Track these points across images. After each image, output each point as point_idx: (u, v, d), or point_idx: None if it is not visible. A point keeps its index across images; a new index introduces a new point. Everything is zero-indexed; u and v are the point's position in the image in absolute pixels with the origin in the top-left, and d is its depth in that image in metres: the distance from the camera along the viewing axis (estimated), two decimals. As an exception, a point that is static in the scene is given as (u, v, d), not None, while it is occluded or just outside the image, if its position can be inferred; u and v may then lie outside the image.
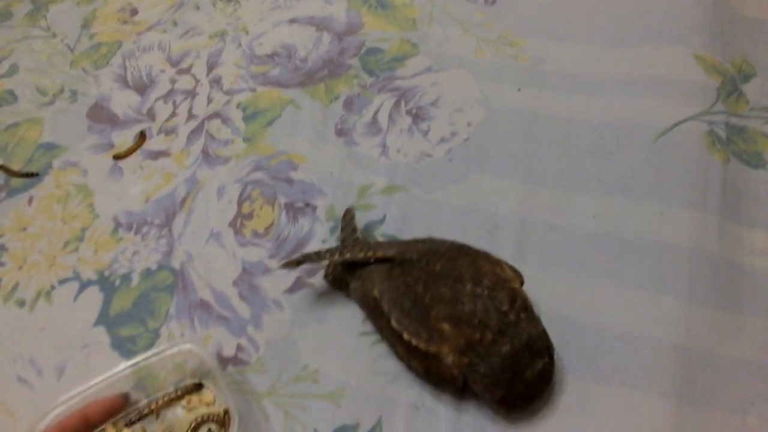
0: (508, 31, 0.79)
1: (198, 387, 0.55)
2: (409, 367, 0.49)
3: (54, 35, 0.94)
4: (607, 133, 0.67)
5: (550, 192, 0.63)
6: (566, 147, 0.67)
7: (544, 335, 0.46)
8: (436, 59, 0.77)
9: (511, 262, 0.51)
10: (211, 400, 0.54)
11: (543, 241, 0.60)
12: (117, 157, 0.74)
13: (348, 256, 0.54)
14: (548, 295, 0.55)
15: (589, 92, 0.71)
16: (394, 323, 0.48)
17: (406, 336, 0.47)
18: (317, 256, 0.55)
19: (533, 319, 0.46)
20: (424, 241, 0.52)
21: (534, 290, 0.54)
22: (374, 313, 0.51)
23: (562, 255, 0.59)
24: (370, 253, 0.52)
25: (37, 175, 0.74)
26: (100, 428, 0.52)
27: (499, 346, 0.43)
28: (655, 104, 0.68)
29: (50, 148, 0.77)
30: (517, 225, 0.61)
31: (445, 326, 0.45)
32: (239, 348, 0.56)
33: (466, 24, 0.81)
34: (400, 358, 0.50)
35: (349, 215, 0.61)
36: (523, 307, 0.45)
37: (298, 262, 0.56)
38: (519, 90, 0.73)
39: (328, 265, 0.59)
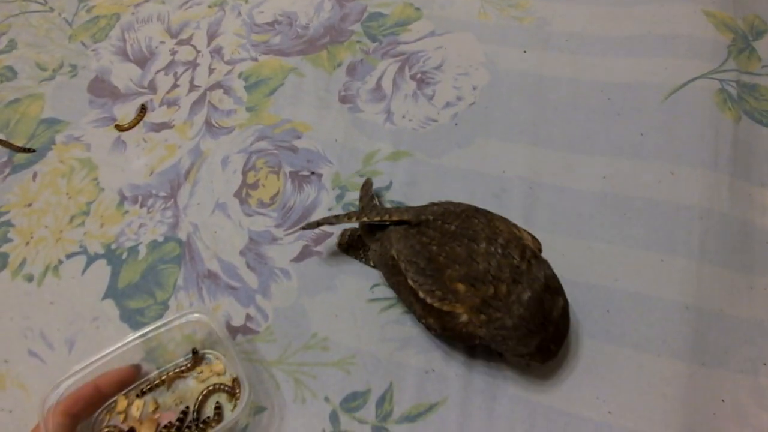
0: (512, -8, 0.78)
1: (204, 357, 0.55)
2: (427, 325, 0.49)
3: (51, 9, 0.92)
4: (614, 93, 0.66)
5: (557, 154, 0.62)
6: (573, 108, 0.66)
7: (555, 276, 0.46)
8: (440, 23, 0.76)
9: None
10: (221, 369, 0.54)
11: (551, 203, 0.59)
12: (119, 129, 0.73)
13: (365, 219, 0.54)
14: (558, 258, 0.54)
15: (595, 52, 0.70)
16: (410, 281, 0.47)
17: (421, 294, 0.47)
18: (336, 219, 0.55)
19: (543, 262, 0.46)
20: (440, 204, 0.52)
21: (543, 253, 0.54)
22: (392, 271, 0.51)
23: (571, 217, 0.58)
24: (386, 216, 0.52)
25: (34, 151, 0.74)
26: (112, 399, 0.53)
27: (517, 294, 0.43)
28: (664, 63, 0.67)
29: (52, 123, 0.77)
30: (525, 188, 0.61)
31: (460, 286, 0.44)
32: (248, 317, 0.56)
33: (469, -14, 0.79)
34: (418, 316, 0.49)
35: (367, 185, 0.61)
36: (533, 255, 0.45)
37: (318, 224, 0.56)
38: (524, 52, 0.71)
39: (342, 233, 0.59)
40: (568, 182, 0.60)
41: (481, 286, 0.43)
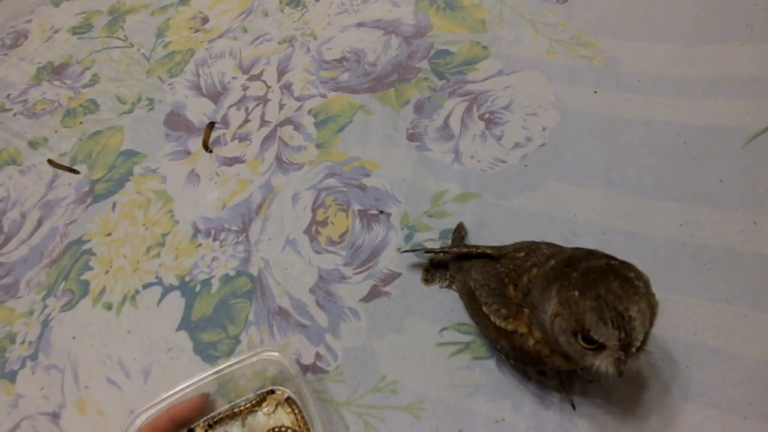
0: (581, 31, 0.77)
1: (272, 393, 0.56)
2: (500, 348, 0.48)
3: (131, 45, 0.97)
4: (691, 136, 0.64)
5: (631, 199, 0.61)
6: (647, 152, 0.64)
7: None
8: (508, 61, 0.76)
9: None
10: (290, 407, 0.55)
11: (625, 250, 0.58)
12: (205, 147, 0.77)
13: (456, 250, 0.56)
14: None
15: (670, 94, 0.68)
16: (482, 304, 0.48)
17: (486, 311, 0.47)
18: (434, 250, 0.60)
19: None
20: (525, 242, 0.52)
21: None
22: (471, 302, 0.52)
23: (646, 266, 0.55)
24: (473, 249, 0.54)
25: (78, 172, 0.80)
26: (184, 430, 0.54)
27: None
28: (744, 106, 0.65)
29: (131, 155, 0.81)
30: (597, 233, 0.59)
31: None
32: (318, 356, 0.57)
33: (537, 24, 0.79)
34: (493, 341, 0.49)
35: (460, 227, 0.62)
36: None
37: (417, 251, 0.61)
38: (595, 92, 0.71)
39: (428, 269, 0.61)
40: (642, 229, 0.59)
41: None
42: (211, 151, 0.75)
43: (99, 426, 0.58)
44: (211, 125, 0.76)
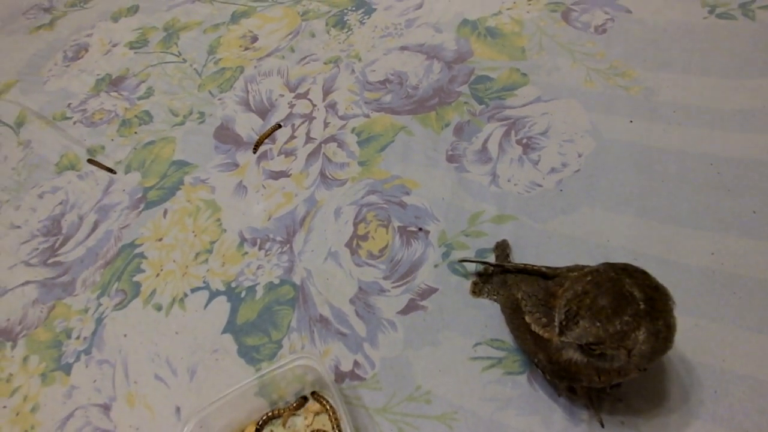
0: (618, 61, 0.80)
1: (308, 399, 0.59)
2: (537, 362, 0.50)
3: (184, 60, 1.03)
4: (725, 167, 0.66)
5: (664, 226, 0.63)
6: (681, 181, 0.66)
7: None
8: (546, 89, 0.79)
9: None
10: (326, 411, 0.58)
11: (656, 276, 0.59)
12: (257, 145, 0.82)
13: (512, 265, 0.59)
14: (663, 333, 0.55)
15: (705, 125, 0.70)
16: (525, 314, 0.50)
17: (527, 319, 0.49)
18: (493, 264, 0.62)
19: None
20: (579, 265, 0.53)
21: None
22: (513, 315, 0.54)
23: (676, 292, 0.57)
24: (530, 266, 0.56)
25: (115, 172, 0.87)
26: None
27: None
28: (779, 139, 0.66)
29: (182, 165, 0.85)
30: (629, 258, 0.61)
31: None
32: (356, 364, 0.60)
33: (576, 53, 0.82)
34: (531, 354, 0.51)
35: (504, 245, 0.64)
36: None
37: (478, 261, 0.63)
38: (630, 121, 0.73)
39: (475, 282, 0.63)
40: (674, 256, 0.60)
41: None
42: (255, 151, 0.79)
43: (146, 419, 0.62)
44: (277, 127, 0.80)
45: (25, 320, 0.73)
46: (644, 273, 0.46)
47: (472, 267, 0.64)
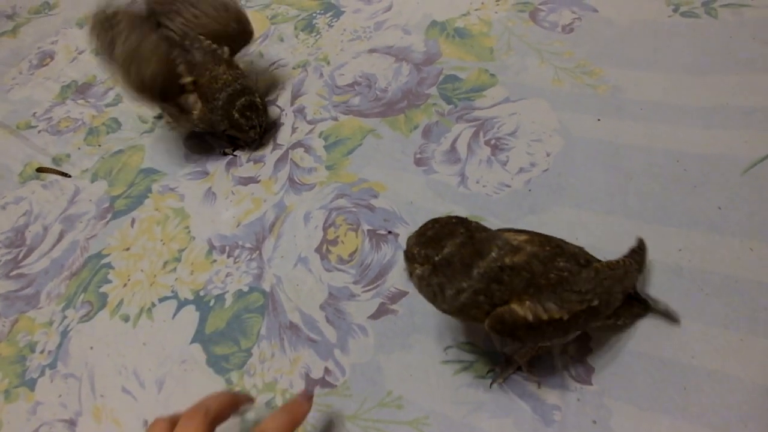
0: (586, 60, 0.80)
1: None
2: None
3: (152, 66, 1.01)
4: (691, 164, 0.66)
5: (631, 223, 0.63)
6: (648, 178, 0.66)
7: None
8: (514, 89, 0.79)
9: (596, 298, 0.52)
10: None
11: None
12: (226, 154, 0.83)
13: None
14: (631, 330, 0.55)
15: (671, 122, 0.71)
16: None
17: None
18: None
19: None
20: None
21: (620, 328, 0.55)
22: None
23: (645, 289, 0.58)
24: None
25: (70, 176, 0.86)
26: None
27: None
28: (743, 135, 0.67)
29: (150, 173, 0.84)
30: (598, 256, 0.61)
31: None
32: (327, 371, 0.59)
33: (544, 53, 0.82)
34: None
35: None
36: None
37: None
38: (598, 120, 0.73)
39: None
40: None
41: None
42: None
43: (114, 434, 0.61)
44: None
45: (-12, 336, 0.71)
46: (476, 223, 0.48)
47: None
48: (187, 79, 0.75)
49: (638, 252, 0.58)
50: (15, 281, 0.76)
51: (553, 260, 0.48)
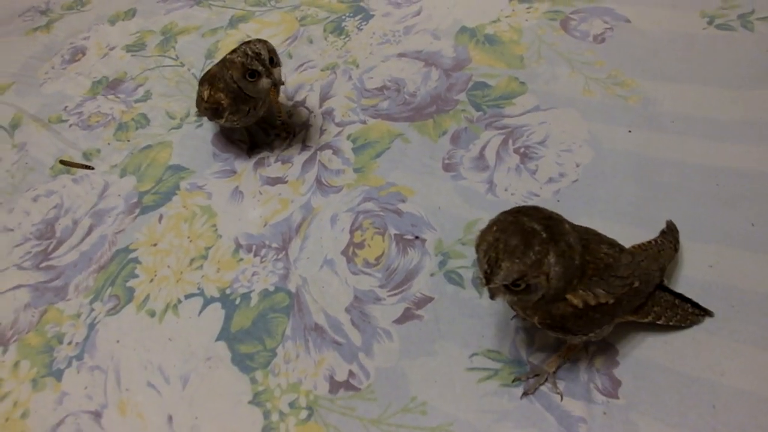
0: (617, 70, 0.79)
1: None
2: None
3: (182, 64, 1.02)
4: (724, 179, 0.66)
5: (661, 238, 0.62)
6: (679, 192, 0.66)
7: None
8: (544, 97, 0.78)
9: (625, 311, 0.52)
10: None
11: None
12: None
13: None
14: (660, 345, 0.55)
15: (704, 136, 0.70)
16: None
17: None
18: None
19: None
20: None
21: (645, 342, 0.55)
22: None
23: None
24: None
25: (93, 168, 0.87)
26: None
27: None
28: (778, 151, 0.66)
29: (178, 170, 0.85)
30: (627, 270, 0.61)
31: None
32: (351, 374, 0.59)
33: (574, 62, 0.82)
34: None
35: None
36: None
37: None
38: (629, 131, 0.72)
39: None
40: (671, 268, 0.60)
41: None
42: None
43: (138, 428, 0.61)
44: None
45: (17, 324, 0.72)
46: (535, 208, 0.49)
47: (468, 276, 0.64)
48: None
49: (669, 233, 0.60)
50: (44, 273, 0.77)
51: (598, 246, 0.50)
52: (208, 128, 0.89)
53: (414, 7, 1.00)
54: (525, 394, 0.55)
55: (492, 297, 0.48)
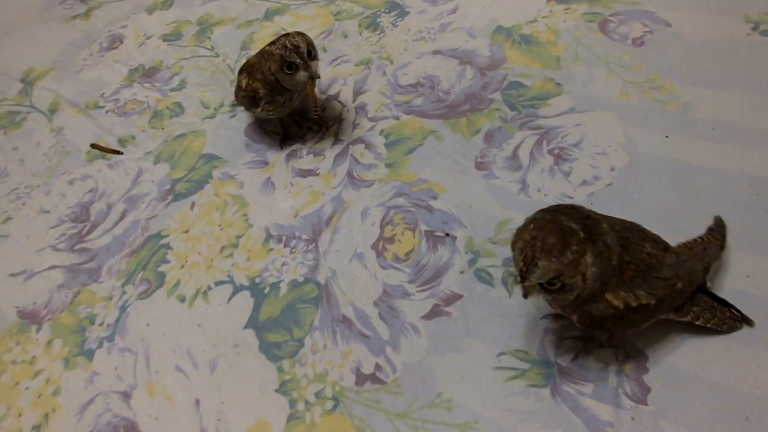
0: (656, 74, 0.78)
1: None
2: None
3: (217, 55, 1.03)
4: (763, 188, 0.64)
5: (697, 245, 0.62)
6: (716, 200, 0.65)
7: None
8: (580, 99, 0.78)
9: (659, 318, 0.51)
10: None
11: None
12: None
13: None
14: (694, 355, 0.54)
15: (744, 143, 0.69)
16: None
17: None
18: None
19: None
20: None
21: (677, 349, 0.54)
22: None
23: None
24: None
25: (122, 153, 0.90)
26: None
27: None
28: (821, 162, 0.64)
29: (211, 158, 0.86)
30: (660, 276, 0.60)
31: None
32: (377, 367, 0.60)
33: (612, 65, 0.81)
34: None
35: None
36: None
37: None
38: (666, 137, 0.71)
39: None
40: (708, 276, 0.59)
41: None
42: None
43: (166, 410, 0.62)
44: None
45: (51, 304, 0.74)
46: (573, 207, 0.49)
47: (498, 275, 0.64)
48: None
49: (716, 230, 0.59)
50: (79, 255, 0.78)
51: (640, 245, 0.49)
52: (241, 119, 0.90)
53: (450, 5, 0.99)
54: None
55: (525, 295, 0.48)
